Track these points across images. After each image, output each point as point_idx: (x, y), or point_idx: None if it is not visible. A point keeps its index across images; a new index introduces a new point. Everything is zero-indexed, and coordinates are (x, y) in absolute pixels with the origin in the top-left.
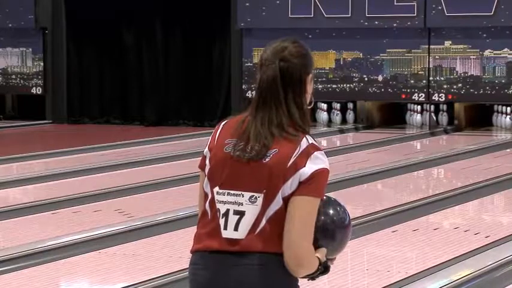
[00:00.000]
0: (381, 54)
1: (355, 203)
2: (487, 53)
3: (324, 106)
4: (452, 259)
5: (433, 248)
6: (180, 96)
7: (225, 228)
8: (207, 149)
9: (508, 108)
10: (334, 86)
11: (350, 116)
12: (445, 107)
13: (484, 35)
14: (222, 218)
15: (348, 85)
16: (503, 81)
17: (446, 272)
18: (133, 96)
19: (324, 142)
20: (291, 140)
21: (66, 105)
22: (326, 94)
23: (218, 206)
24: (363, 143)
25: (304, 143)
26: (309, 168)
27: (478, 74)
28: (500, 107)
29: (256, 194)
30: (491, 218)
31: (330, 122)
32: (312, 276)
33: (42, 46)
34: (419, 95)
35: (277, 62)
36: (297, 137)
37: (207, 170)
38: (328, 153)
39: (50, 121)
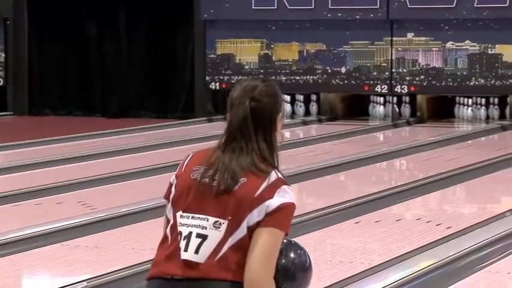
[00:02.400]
0: (344, 46)
1: (319, 194)
2: (449, 45)
3: (287, 98)
4: (414, 250)
5: (396, 239)
6: (143, 88)
7: (186, 250)
8: (173, 177)
9: (470, 100)
10: (297, 77)
11: (313, 107)
12: (407, 98)
13: (446, 27)
14: (184, 240)
15: (311, 77)
16: (465, 73)
17: (408, 262)
18: (96, 87)
19: (287, 134)
20: (260, 173)
21: (27, 97)
22: (289, 86)
23: (180, 228)
24: (326, 134)
25: (273, 176)
26: (276, 200)
27: (440, 66)
28: (462, 98)
29: (221, 220)
30: (453, 209)
31: (293, 113)
32: None
33: (3, 37)
34: (382, 87)
35: (247, 102)
36: (266, 172)
37: (172, 196)
38: (292, 145)
39: (11, 113)
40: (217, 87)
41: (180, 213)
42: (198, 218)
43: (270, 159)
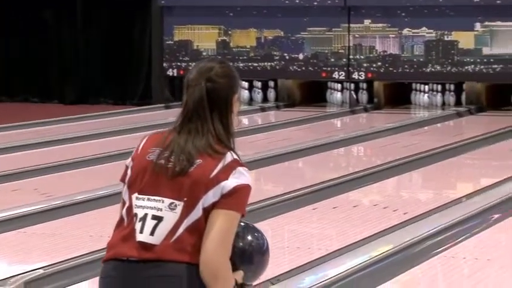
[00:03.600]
0: (302, 33)
1: (277, 180)
2: (405, 31)
3: (245, 84)
4: (371, 236)
5: (353, 225)
6: (101, 74)
7: (141, 231)
8: (129, 159)
9: (426, 87)
10: (255, 64)
11: (271, 94)
12: (364, 85)
13: (403, 14)
14: (139, 222)
15: (269, 63)
16: (421, 59)
17: (365, 248)
18: (53, 74)
19: (245, 120)
20: (216, 155)
21: None
22: (247, 72)
23: (136, 210)
24: (284, 121)
25: (228, 158)
26: (232, 182)
27: (397, 53)
28: (418, 85)
29: (176, 202)
30: (410, 195)
31: (251, 100)
32: None
33: None
34: (340, 74)
35: (203, 83)
36: (221, 153)
37: (127, 179)
38: (250, 132)
39: None
40: (175, 74)
41: (135, 195)
42: (154, 199)
43: (225, 141)
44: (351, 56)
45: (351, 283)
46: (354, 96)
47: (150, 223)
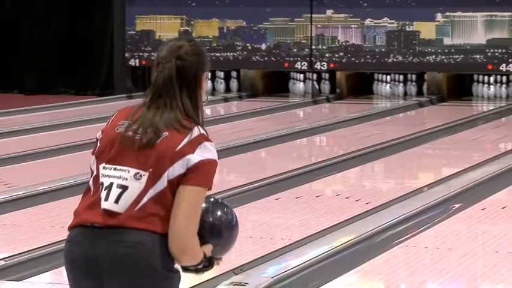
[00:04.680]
0: (264, 23)
1: (239, 171)
2: (367, 22)
3: (208, 75)
4: (334, 225)
5: (316, 215)
6: (62, 65)
7: (106, 199)
8: (99, 132)
9: (388, 77)
10: (217, 54)
11: (234, 84)
12: (327, 75)
13: (365, 4)
14: (105, 190)
15: (232, 53)
16: (383, 50)
17: (328, 238)
18: (13, 64)
19: (207, 111)
20: (183, 129)
21: None
22: (210, 62)
23: (102, 179)
24: (246, 111)
25: (195, 132)
26: (197, 156)
27: (359, 43)
28: (380, 75)
29: (141, 172)
30: (372, 185)
31: (213, 90)
32: (196, 269)
33: None
34: (302, 64)
35: (173, 60)
36: (189, 128)
37: (96, 149)
38: (212, 122)
39: None
40: (137, 64)
41: (103, 165)
42: (120, 169)
43: (193, 116)
44: (314, 46)
45: (314, 273)
46: (317, 86)
47: (115, 191)
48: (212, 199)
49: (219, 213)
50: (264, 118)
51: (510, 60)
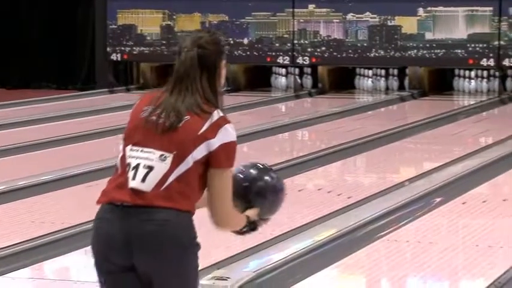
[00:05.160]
0: (247, 17)
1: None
2: (349, 16)
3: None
4: (315, 220)
5: (298, 209)
6: (43, 59)
7: (133, 178)
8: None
9: (370, 71)
10: None
11: None
12: (309, 70)
13: None
14: (132, 170)
15: None
16: (365, 44)
17: (310, 232)
18: None
19: None
20: (203, 114)
21: None
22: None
23: (129, 160)
24: (228, 106)
25: (215, 116)
26: (218, 139)
27: (341, 38)
28: (362, 70)
29: (166, 154)
30: (354, 179)
31: None
32: (240, 232)
33: None
34: (284, 58)
35: (195, 49)
36: (208, 112)
37: (125, 130)
38: None
39: None
40: (119, 58)
41: (130, 147)
42: (146, 151)
43: (213, 100)
44: (296, 41)
45: (296, 267)
46: (299, 81)
47: (141, 171)
48: (260, 165)
49: (265, 177)
50: (246, 112)
51: (491, 55)
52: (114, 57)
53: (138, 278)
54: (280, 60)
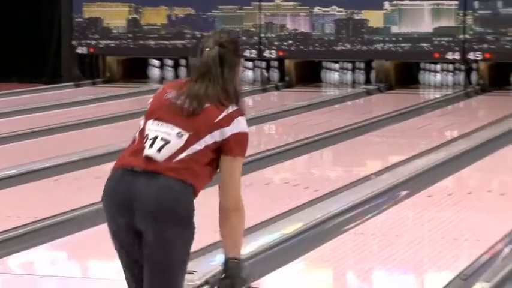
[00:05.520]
0: (213, 11)
1: None
2: (316, 10)
3: (156, 63)
4: (282, 213)
5: (265, 202)
6: (9, 53)
7: (150, 147)
8: (151, 99)
9: (337, 65)
10: (166, 42)
11: (182, 72)
12: (276, 63)
13: None
14: (150, 140)
15: (180, 41)
16: (331, 38)
17: (276, 226)
18: None
19: None
20: (221, 106)
21: None
22: (158, 50)
23: (148, 132)
24: None
25: (231, 108)
26: (232, 128)
27: (308, 31)
28: (328, 63)
29: (183, 132)
30: (320, 173)
31: (163, 78)
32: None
33: None
34: (251, 52)
35: (216, 48)
36: (226, 106)
37: (148, 107)
38: None
39: None
40: (85, 52)
41: (151, 121)
42: (166, 126)
43: (231, 94)
44: (262, 35)
45: (262, 260)
46: (266, 74)
47: (159, 143)
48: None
49: None
50: None
51: (456, 48)
52: (80, 50)
53: (140, 239)
54: (247, 53)
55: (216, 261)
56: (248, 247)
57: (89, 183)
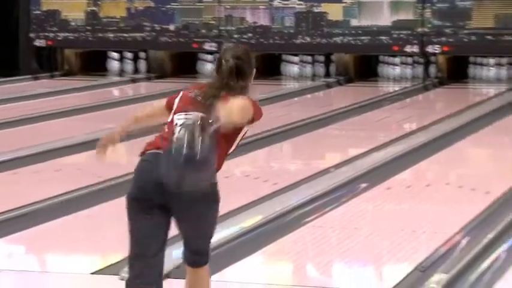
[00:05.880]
0: (172, 4)
1: None
2: (276, 3)
3: (115, 55)
4: (242, 206)
5: (224, 195)
6: None
7: (179, 132)
8: (178, 97)
9: (296, 58)
10: (125, 35)
11: (142, 65)
12: None
13: None
14: (178, 127)
15: (140, 34)
16: (291, 31)
17: (236, 219)
18: None
19: (115, 92)
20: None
21: None
22: (117, 43)
23: (176, 121)
24: (155, 92)
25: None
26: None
27: (268, 24)
28: (288, 56)
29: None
30: (280, 166)
31: (122, 71)
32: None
33: None
34: (211, 45)
35: (234, 60)
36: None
37: (175, 107)
38: (120, 103)
39: None
40: (43, 44)
41: (177, 114)
42: (190, 114)
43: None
44: (222, 27)
45: (221, 254)
46: None
47: None
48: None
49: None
50: None
51: (415, 41)
52: (38, 43)
53: (167, 217)
54: (206, 46)
55: (173, 256)
56: None
57: (49, 177)
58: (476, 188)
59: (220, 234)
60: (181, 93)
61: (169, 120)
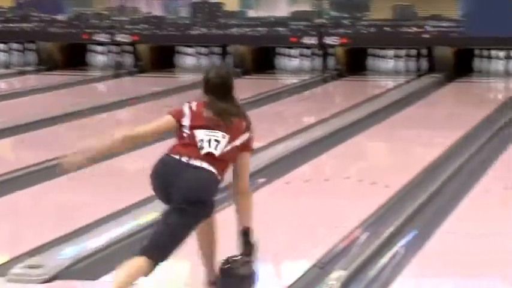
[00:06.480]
0: None
1: (37, 147)
2: None
3: (2, 46)
4: (136, 203)
5: (118, 192)
6: None
7: (209, 146)
8: (186, 109)
9: (192, 49)
10: (12, 25)
11: (30, 57)
12: (129, 48)
13: None
14: (206, 142)
15: (28, 25)
16: (187, 21)
17: (131, 215)
18: None
19: (2, 85)
20: (240, 119)
21: None
22: (4, 34)
23: (200, 137)
24: (44, 85)
25: (244, 120)
26: (249, 133)
27: (162, 15)
28: (183, 47)
29: (226, 134)
30: None
31: (9, 63)
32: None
33: None
34: (103, 36)
35: (218, 78)
36: (242, 117)
37: (189, 122)
38: (8, 96)
39: None
40: None
41: (197, 130)
42: (212, 133)
43: (241, 108)
44: (115, 18)
45: (115, 252)
46: (120, 59)
47: (213, 143)
48: None
49: None
50: (62, 92)
51: (313, 33)
52: None
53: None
54: (97, 37)
55: (64, 255)
56: (99, 239)
57: None
58: (376, 182)
59: (114, 231)
60: (187, 109)
61: (187, 132)
